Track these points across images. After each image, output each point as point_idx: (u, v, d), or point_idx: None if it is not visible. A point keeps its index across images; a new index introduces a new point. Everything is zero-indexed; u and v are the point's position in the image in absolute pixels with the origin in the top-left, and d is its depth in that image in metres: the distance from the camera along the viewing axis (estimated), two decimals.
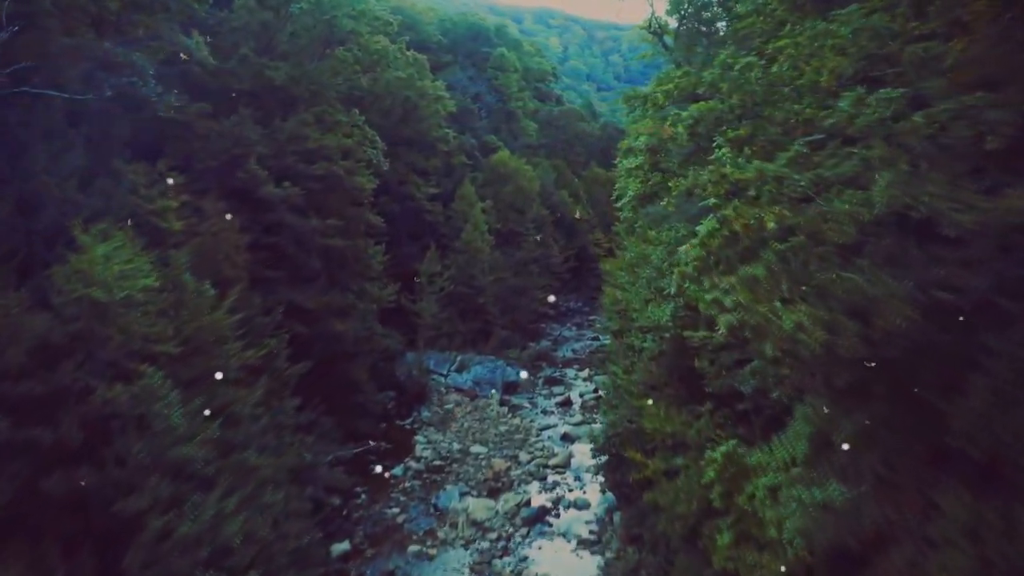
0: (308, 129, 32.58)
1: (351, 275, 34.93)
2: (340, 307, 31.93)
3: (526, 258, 54.92)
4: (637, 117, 32.27)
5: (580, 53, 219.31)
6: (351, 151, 34.94)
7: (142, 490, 15.54)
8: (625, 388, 25.51)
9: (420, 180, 48.28)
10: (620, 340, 32.48)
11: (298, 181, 31.17)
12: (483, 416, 37.36)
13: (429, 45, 71.43)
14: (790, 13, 16.05)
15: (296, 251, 30.27)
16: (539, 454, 33.11)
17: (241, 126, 29.50)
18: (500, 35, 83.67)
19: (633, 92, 30.45)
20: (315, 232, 30.77)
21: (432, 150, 50.34)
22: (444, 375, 42.17)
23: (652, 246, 29.37)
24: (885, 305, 8.12)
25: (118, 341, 16.51)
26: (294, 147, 31.78)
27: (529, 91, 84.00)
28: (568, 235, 67.12)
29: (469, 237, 46.51)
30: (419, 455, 32.92)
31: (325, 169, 32.33)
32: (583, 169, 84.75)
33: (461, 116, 60.63)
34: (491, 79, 74.23)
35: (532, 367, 46.95)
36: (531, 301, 53.10)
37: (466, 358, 42.89)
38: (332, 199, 33.24)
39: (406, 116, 47.68)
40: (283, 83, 33.28)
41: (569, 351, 53.07)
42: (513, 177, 57.62)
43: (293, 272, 30.04)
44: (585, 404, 40.42)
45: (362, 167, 34.77)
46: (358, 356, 33.83)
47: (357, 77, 37.47)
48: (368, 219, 35.73)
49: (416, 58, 48.67)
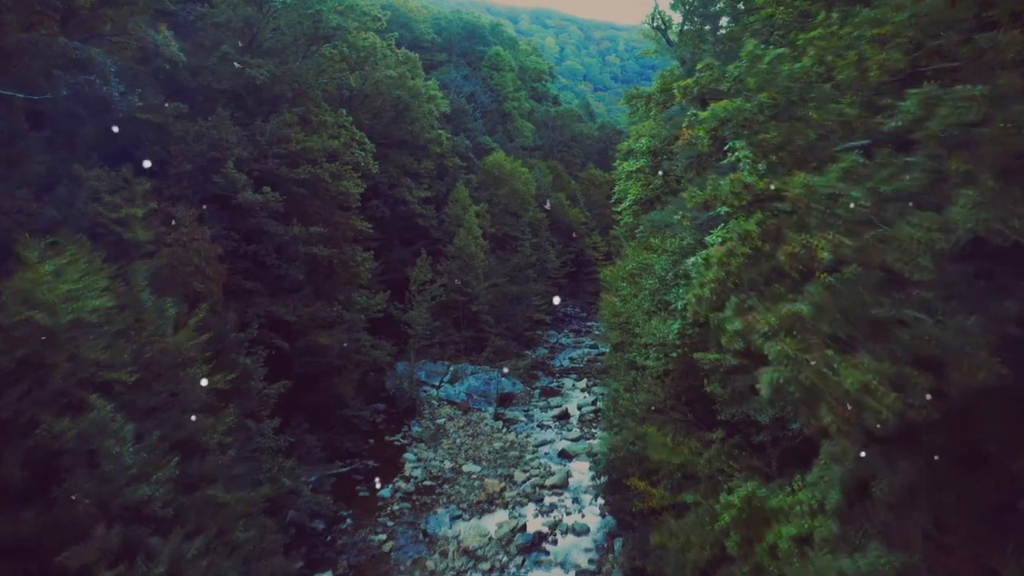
0: (291, 130, 30.86)
1: (337, 284, 33.22)
2: (325, 319, 30.21)
3: (522, 263, 53.24)
4: (640, 117, 30.70)
5: (577, 53, 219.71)
6: (338, 153, 33.26)
7: (90, 538, 13.83)
8: (627, 408, 23.84)
9: (412, 183, 46.58)
10: (620, 353, 30.86)
11: (280, 186, 29.49)
12: (476, 431, 35.68)
13: (422, 43, 69.80)
14: (812, 2, 14.44)
15: (277, 260, 28.55)
16: (535, 473, 31.43)
17: (219, 127, 27.78)
18: (495, 33, 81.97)
19: (635, 91, 28.89)
20: (298, 240, 29.01)
21: (424, 152, 48.66)
22: (436, 387, 40.48)
23: (655, 254, 27.75)
24: (963, 354, 6.49)
25: (66, 369, 14.81)
26: (276, 149, 30.06)
27: (525, 91, 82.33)
28: (565, 239, 65.49)
29: (463, 242, 44.83)
30: (408, 474, 31.22)
31: (309, 173, 30.61)
32: (580, 171, 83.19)
33: (455, 116, 58.94)
34: (486, 78, 72.53)
35: (528, 377, 45.31)
36: (527, 308, 51.43)
37: (459, 368, 41.20)
38: (317, 204, 31.54)
39: (398, 117, 45.99)
40: (265, 82, 31.56)
41: (566, 359, 51.43)
42: (508, 180, 55.96)
43: (274, 283, 28.35)
44: (583, 417, 38.77)
45: (349, 170, 33.07)
46: (344, 370, 32.13)
47: (345, 75, 35.73)
48: (356, 225, 33.96)
49: (408, 56, 46.95)
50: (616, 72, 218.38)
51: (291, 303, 28.74)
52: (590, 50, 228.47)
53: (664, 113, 24.33)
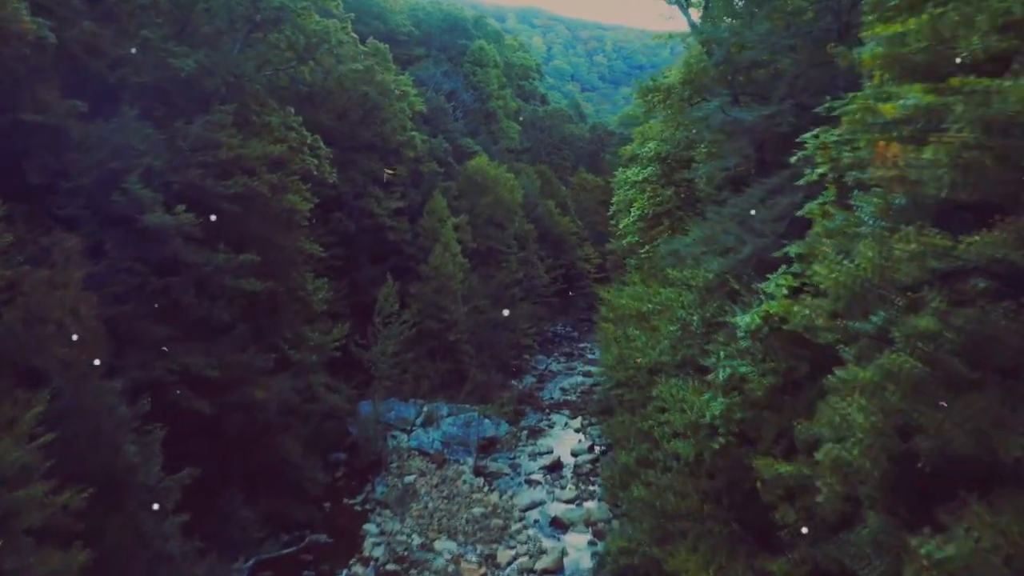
0: (223, 134, 25.08)
1: (283, 320, 27.46)
2: (261, 368, 24.41)
3: (507, 280, 47.58)
4: (657, 115, 25.01)
5: (564, 53, 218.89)
6: (284, 161, 27.46)
7: None
8: (643, 499, 18.23)
9: (382, 192, 40.79)
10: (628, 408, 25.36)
11: (206, 202, 23.75)
12: (452, 491, 29.98)
13: (398, 37, 64.03)
14: None
15: (198, 298, 22.71)
16: (523, 550, 25.85)
17: (123, 131, 21.97)
18: (479, 27, 76.25)
19: (652, 83, 23.24)
20: (224, 271, 23.20)
21: (397, 156, 42.87)
22: (408, 431, 34.78)
23: (674, 290, 22.22)
24: None
25: None
26: (202, 157, 24.25)
27: (511, 89, 76.59)
28: (555, 250, 59.95)
29: (439, 261, 39.05)
30: (368, 554, 25.53)
31: (244, 185, 24.83)
32: (571, 175, 77.72)
33: (433, 117, 53.15)
34: (468, 75, 66.78)
35: (514, 414, 39.70)
36: (513, 334, 45.74)
37: (434, 409, 35.51)
38: (254, 224, 25.76)
39: (366, 116, 40.18)
40: (192, 74, 25.76)
41: (557, 390, 45.81)
42: (492, 187, 50.31)
43: (192, 326, 22.50)
44: (579, 468, 33.20)
45: (296, 181, 27.35)
46: (290, 426, 26.38)
47: (295, 68, 29.95)
48: (305, 248, 28.20)
49: (377, 48, 41.19)
50: (604, 72, 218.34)
51: (217, 351, 22.90)
52: (577, 50, 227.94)
53: (694, 112, 18.63)
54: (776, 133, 17.06)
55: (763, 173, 18.17)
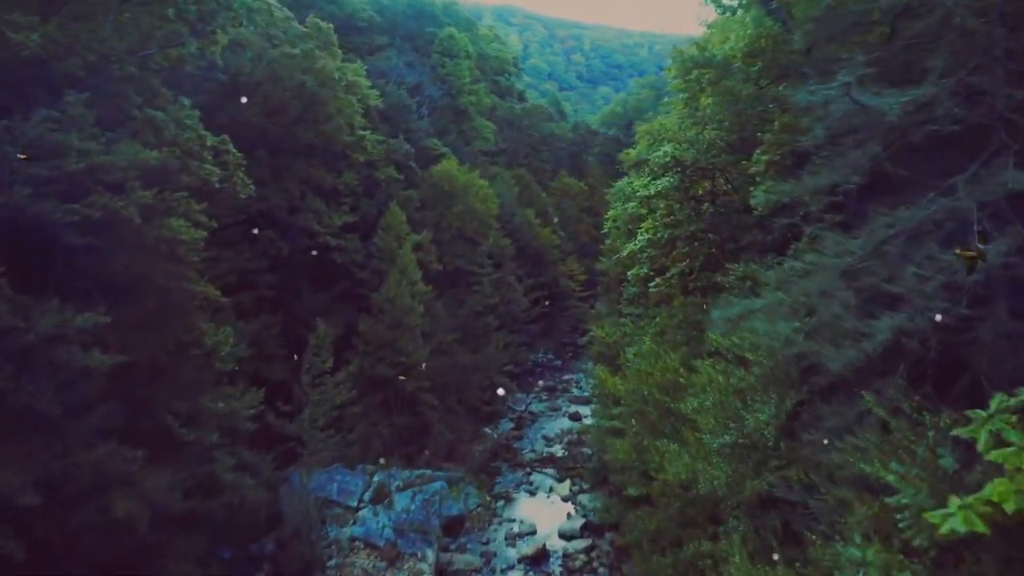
0: (71, 136, 17.67)
1: (170, 391, 20.05)
2: (122, 472, 17.01)
3: (479, 307, 40.40)
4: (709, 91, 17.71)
5: (541, 52, 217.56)
6: (168, 172, 20.03)
7: None
8: None
9: (324, 205, 33.37)
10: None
11: (41, 232, 16.37)
12: None
13: (357, 23, 56.52)
14: None
15: (15, 380, 15.23)
16: None
17: None
18: (449, 13, 68.69)
19: (700, 55, 15.96)
20: (63, 339, 15.77)
21: (344, 161, 35.48)
22: (355, 508, 27.48)
23: (721, 367, 15.20)
24: None
25: None
26: (37, 170, 16.83)
27: (485, 84, 69.13)
28: (535, 267, 52.88)
29: (394, 291, 31.65)
30: None
31: (103, 208, 17.45)
32: (551, 179, 70.64)
33: (393, 113, 45.62)
34: (436, 67, 59.31)
35: (487, 475, 32.67)
36: (485, 374, 38.51)
37: (386, 480, 28.23)
38: (120, 262, 18.32)
39: (304, 113, 32.70)
40: (36, 53, 18.40)
41: (539, 438, 38.69)
42: (462, 195, 43.07)
43: (14, 417, 15.05)
44: (568, 562, 26.15)
45: (184, 199, 19.95)
46: (172, 542, 19.00)
47: (191, 45, 22.47)
48: (197, 290, 20.78)
49: (319, 26, 33.74)
50: (582, 71, 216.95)
51: (45, 456, 15.47)
52: (555, 48, 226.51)
53: (802, 96, 11.43)
54: (923, 132, 10.20)
55: (885, 196, 11.31)
